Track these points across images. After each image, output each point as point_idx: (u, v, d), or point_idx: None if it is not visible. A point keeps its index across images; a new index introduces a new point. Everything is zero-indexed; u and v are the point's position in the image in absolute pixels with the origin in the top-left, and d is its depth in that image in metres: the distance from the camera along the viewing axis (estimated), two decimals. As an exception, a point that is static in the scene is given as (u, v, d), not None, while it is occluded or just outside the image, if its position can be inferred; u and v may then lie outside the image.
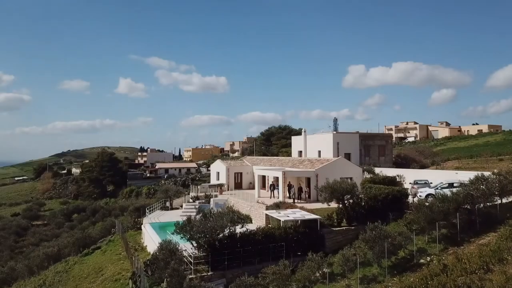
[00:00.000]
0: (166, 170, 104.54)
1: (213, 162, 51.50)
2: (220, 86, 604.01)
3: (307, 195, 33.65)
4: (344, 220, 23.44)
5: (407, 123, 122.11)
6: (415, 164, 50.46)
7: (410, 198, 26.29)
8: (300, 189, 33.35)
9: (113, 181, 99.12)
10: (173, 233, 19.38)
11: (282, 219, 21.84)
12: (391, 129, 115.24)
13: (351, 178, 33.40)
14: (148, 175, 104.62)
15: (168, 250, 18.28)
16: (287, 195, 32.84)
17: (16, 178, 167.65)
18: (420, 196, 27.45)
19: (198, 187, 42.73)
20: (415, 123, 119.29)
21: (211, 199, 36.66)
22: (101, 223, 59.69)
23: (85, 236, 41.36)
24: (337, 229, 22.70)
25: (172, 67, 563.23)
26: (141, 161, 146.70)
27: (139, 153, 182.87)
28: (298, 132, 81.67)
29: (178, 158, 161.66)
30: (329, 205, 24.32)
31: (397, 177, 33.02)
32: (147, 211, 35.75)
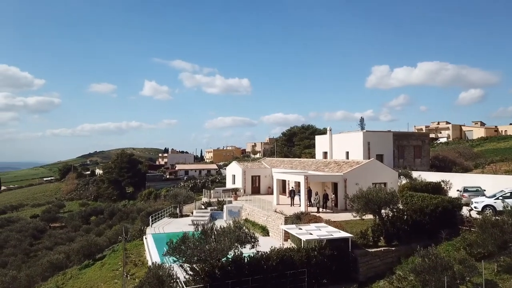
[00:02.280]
0: (186, 171, 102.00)
1: (233, 164, 47.45)
2: (242, 88, 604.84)
3: (333, 204, 29.04)
4: (382, 238, 18.71)
5: (438, 123, 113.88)
6: (456, 167, 44.65)
7: (464, 211, 21.16)
8: (325, 196, 28.69)
9: (132, 182, 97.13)
10: (164, 255, 15.38)
11: (303, 238, 17.42)
12: (421, 130, 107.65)
13: (385, 184, 28.54)
14: (167, 176, 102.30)
15: (156, 277, 14.29)
16: (308, 203, 28.30)
17: (45, 179, 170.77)
18: (475, 207, 22.33)
19: (211, 191, 38.76)
20: (447, 123, 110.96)
21: (224, 206, 32.72)
22: (118, 226, 57.07)
23: (90, 243, 38.12)
24: (373, 250, 17.94)
25: (195, 69, 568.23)
26: (162, 162, 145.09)
27: (160, 154, 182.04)
28: (322, 132, 76.43)
29: (200, 159, 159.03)
30: (363, 219, 19.66)
31: (442, 183, 27.94)
32: (150, 219, 31.93)
